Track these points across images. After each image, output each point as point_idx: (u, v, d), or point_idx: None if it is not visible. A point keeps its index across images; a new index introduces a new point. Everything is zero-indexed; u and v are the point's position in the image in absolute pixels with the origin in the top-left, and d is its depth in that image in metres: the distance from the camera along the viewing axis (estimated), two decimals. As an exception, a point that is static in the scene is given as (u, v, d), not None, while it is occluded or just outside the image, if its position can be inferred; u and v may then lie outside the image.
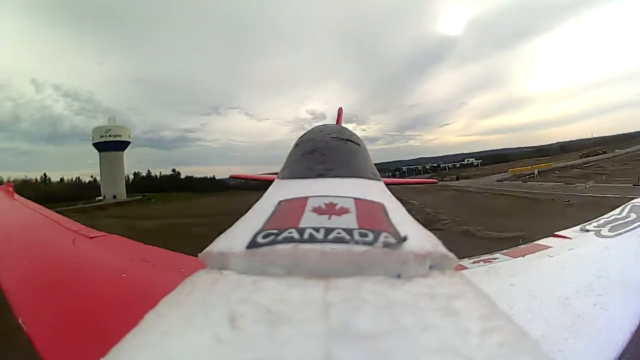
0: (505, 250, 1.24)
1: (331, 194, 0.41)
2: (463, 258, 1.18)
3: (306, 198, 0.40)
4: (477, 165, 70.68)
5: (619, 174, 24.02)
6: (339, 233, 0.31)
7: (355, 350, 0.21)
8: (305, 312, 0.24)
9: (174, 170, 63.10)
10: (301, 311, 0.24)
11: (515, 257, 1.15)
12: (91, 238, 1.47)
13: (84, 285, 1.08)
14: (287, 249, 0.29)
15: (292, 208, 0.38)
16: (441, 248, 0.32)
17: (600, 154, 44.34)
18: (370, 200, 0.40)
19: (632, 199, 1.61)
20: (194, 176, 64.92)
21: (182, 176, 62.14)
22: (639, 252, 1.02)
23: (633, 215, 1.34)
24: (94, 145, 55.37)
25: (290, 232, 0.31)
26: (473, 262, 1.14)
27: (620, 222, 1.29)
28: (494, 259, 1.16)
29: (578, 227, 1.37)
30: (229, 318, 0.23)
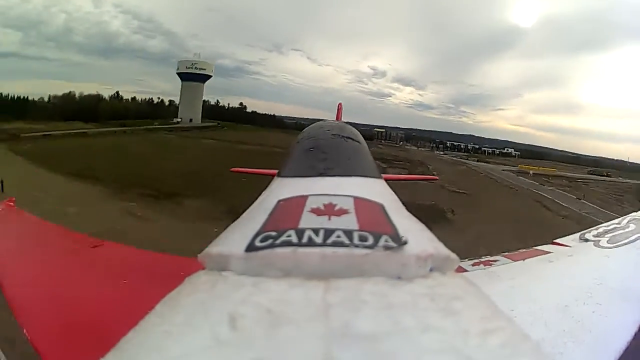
0: (506, 254, 1.24)
1: (331, 194, 0.40)
2: (464, 260, 1.17)
3: (305, 198, 0.39)
4: (515, 157, 74.28)
5: (588, 192, 30.56)
6: (338, 236, 0.30)
7: (355, 351, 0.21)
8: (305, 313, 0.24)
9: (241, 103, 72.81)
10: (301, 312, 0.24)
11: (515, 261, 1.15)
12: (93, 247, 1.46)
13: (85, 290, 1.11)
14: (286, 253, 0.29)
15: (291, 208, 0.37)
16: (442, 249, 0.32)
17: (604, 176, 48.35)
18: (371, 200, 0.40)
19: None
20: (257, 111, 74.11)
21: (248, 110, 71.94)
22: (637, 264, 1.03)
23: (632, 227, 1.29)
24: (178, 74, 65.26)
25: (289, 235, 0.31)
26: (473, 265, 1.14)
27: (620, 232, 1.26)
28: (495, 261, 1.16)
29: (577, 236, 1.35)
30: (229, 318, 0.23)
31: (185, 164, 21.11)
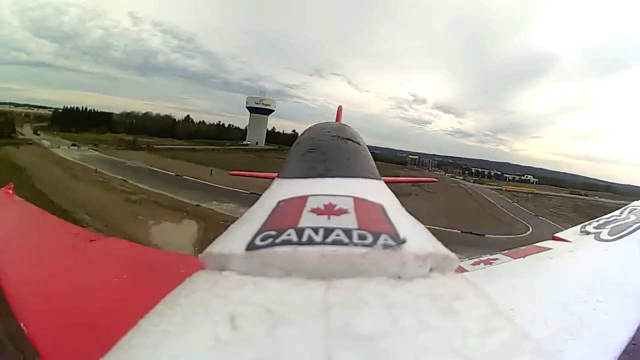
0: (506, 251, 1.23)
1: (331, 194, 0.41)
2: (463, 259, 1.18)
3: (305, 198, 0.40)
4: (532, 183, 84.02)
5: (536, 203, 44.19)
6: (338, 235, 0.31)
7: (355, 350, 0.21)
8: (305, 313, 0.24)
9: (293, 130, 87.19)
10: (301, 312, 0.24)
11: (515, 258, 1.14)
12: (91, 241, 1.44)
13: (84, 286, 1.10)
14: (286, 252, 0.29)
15: (291, 208, 0.38)
16: (442, 249, 0.32)
17: (581, 195, 59.87)
18: (370, 201, 0.40)
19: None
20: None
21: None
22: (637, 257, 1.03)
23: (632, 217, 1.31)
24: (247, 108, 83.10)
25: (289, 234, 0.31)
26: (473, 264, 1.14)
27: (620, 223, 1.27)
28: (495, 259, 1.16)
29: (577, 229, 1.35)
30: (229, 318, 0.24)
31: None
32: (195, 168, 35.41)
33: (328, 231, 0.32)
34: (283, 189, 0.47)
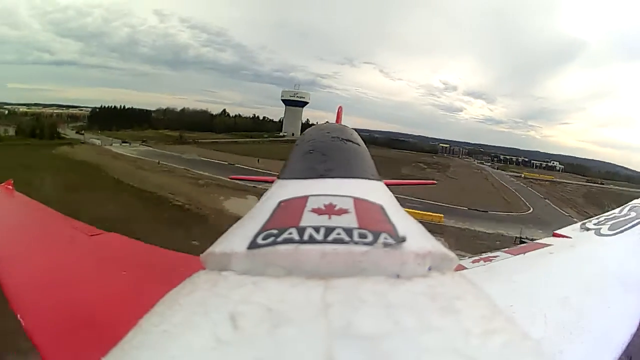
0: (506, 249, 1.23)
1: (331, 194, 0.41)
2: (463, 257, 1.16)
3: (306, 198, 0.41)
4: (558, 170, 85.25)
5: (551, 190, 48.64)
6: (338, 234, 0.31)
7: (355, 350, 0.21)
8: (305, 312, 0.24)
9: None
10: (302, 311, 0.24)
11: (515, 255, 1.14)
12: (90, 236, 1.44)
13: (84, 283, 1.09)
14: (288, 250, 0.30)
15: (292, 208, 0.39)
16: (441, 248, 0.32)
17: (598, 184, 61.94)
18: (370, 201, 0.41)
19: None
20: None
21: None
22: (637, 252, 1.02)
23: (632, 214, 1.31)
24: (283, 100, 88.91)
25: (290, 233, 0.32)
26: (473, 261, 1.13)
27: (620, 219, 1.27)
28: (495, 256, 1.15)
29: (578, 225, 1.35)
30: (230, 318, 0.24)
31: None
32: (242, 158, 40.73)
33: (329, 230, 0.32)
34: (284, 190, 0.48)
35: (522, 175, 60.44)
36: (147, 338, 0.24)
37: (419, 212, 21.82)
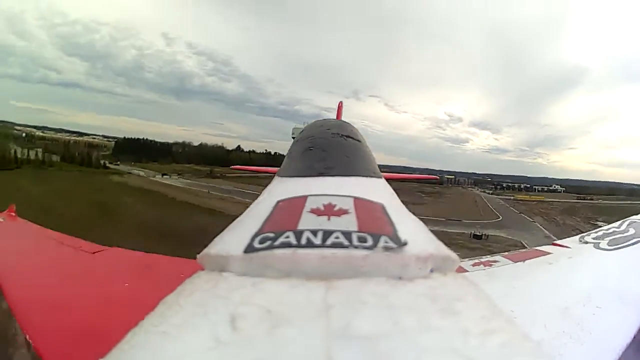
0: (506, 254, 1.25)
1: (331, 194, 0.41)
2: (464, 260, 1.18)
3: (305, 198, 0.40)
4: (560, 192, 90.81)
5: (544, 209, 55.36)
6: (337, 237, 0.31)
7: (356, 351, 0.21)
8: (305, 314, 0.24)
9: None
10: (301, 312, 0.24)
11: (515, 262, 1.16)
12: (93, 253, 1.47)
13: (88, 296, 1.12)
14: (285, 254, 0.29)
15: (290, 209, 0.38)
16: (443, 249, 0.32)
17: (587, 199, 68.69)
18: (371, 200, 0.40)
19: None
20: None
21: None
22: (636, 267, 1.04)
23: (632, 231, 1.30)
24: (293, 138, 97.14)
25: (287, 237, 0.31)
26: (473, 265, 1.14)
27: (619, 236, 1.27)
28: (495, 261, 1.16)
29: (577, 238, 1.35)
30: (229, 319, 0.23)
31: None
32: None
33: (327, 233, 0.31)
34: (282, 188, 0.47)
35: (513, 198, 68.33)
36: (147, 338, 0.24)
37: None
